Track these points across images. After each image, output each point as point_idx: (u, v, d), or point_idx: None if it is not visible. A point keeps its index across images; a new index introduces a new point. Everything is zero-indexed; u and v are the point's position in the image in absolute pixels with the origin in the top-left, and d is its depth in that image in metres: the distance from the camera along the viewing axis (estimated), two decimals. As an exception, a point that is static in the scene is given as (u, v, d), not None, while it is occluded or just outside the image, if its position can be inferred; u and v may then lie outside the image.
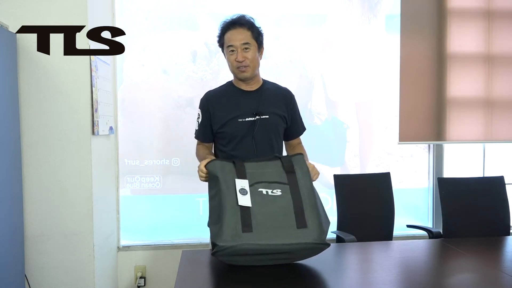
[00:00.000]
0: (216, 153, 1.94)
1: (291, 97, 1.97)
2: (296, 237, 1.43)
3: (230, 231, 1.41)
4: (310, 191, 1.53)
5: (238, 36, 1.78)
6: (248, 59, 1.79)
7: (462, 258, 1.76)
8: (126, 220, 2.83)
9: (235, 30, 1.79)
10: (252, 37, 1.80)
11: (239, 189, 1.47)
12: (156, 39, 2.81)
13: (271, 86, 1.94)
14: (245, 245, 1.40)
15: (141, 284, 2.78)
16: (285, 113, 1.91)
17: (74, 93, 2.23)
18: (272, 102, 1.88)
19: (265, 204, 1.47)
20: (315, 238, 1.44)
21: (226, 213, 1.44)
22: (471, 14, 2.91)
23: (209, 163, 1.58)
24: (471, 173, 3.08)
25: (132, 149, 2.82)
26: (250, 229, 1.42)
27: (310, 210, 1.48)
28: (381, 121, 3.01)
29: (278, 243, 1.42)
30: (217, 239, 1.42)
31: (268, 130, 1.85)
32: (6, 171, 1.98)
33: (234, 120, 1.82)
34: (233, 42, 1.78)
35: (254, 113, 1.82)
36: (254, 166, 1.56)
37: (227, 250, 1.40)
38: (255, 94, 1.87)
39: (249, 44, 1.79)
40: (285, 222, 1.45)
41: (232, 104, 1.86)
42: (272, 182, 1.52)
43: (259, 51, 1.85)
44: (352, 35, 2.95)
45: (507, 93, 2.94)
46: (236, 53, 1.79)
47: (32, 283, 2.20)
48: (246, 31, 1.79)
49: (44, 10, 2.19)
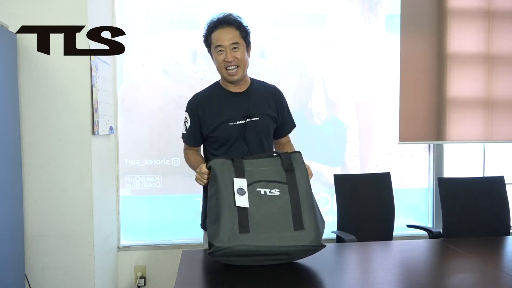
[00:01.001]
0: (207, 156, 1.88)
1: (280, 95, 1.92)
2: (293, 239, 1.43)
3: (227, 232, 1.41)
4: (308, 191, 1.52)
5: (226, 36, 1.74)
6: (237, 58, 1.75)
7: (462, 258, 1.76)
8: (126, 220, 2.83)
9: (223, 30, 1.75)
10: (240, 36, 1.76)
11: (237, 189, 1.47)
12: (156, 39, 2.81)
13: (259, 85, 1.90)
14: (242, 246, 1.40)
15: (141, 284, 2.78)
16: (275, 113, 1.88)
17: (74, 93, 2.23)
18: (261, 103, 1.84)
19: (263, 204, 1.46)
20: (311, 241, 1.44)
21: (223, 213, 1.43)
22: (471, 14, 2.91)
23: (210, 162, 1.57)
24: (471, 173, 3.08)
25: (132, 149, 2.82)
26: (247, 229, 1.41)
27: (308, 211, 1.47)
28: (381, 121, 3.01)
29: (275, 245, 1.42)
30: (213, 239, 1.42)
31: (259, 132, 1.81)
32: (6, 171, 1.98)
33: (225, 124, 1.78)
34: (222, 42, 1.74)
35: (244, 116, 1.78)
36: (253, 163, 1.55)
37: (224, 250, 1.40)
38: (244, 95, 1.83)
39: (238, 43, 1.75)
40: (282, 223, 1.44)
41: (221, 107, 1.81)
42: (271, 181, 1.51)
43: (247, 51, 1.81)
44: (352, 35, 2.95)
45: (507, 93, 2.94)
46: (224, 53, 1.74)
47: (32, 283, 2.20)
48: (234, 31, 1.76)
49: (44, 10, 2.19)
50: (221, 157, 1.60)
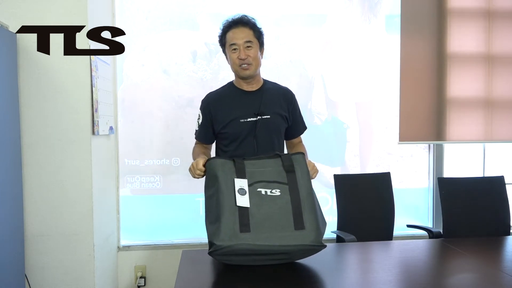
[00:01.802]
0: (218, 153, 1.95)
1: (292, 96, 1.98)
2: (293, 239, 1.43)
3: (227, 231, 1.41)
4: (309, 191, 1.53)
5: (240, 35, 1.81)
6: (250, 56, 1.81)
7: (462, 258, 1.76)
8: (126, 220, 2.83)
9: (237, 29, 1.82)
10: (254, 36, 1.83)
11: (238, 189, 1.47)
12: (156, 39, 2.81)
13: (272, 86, 1.96)
14: (243, 245, 1.40)
15: (141, 284, 2.78)
16: (286, 113, 1.93)
17: (74, 93, 2.23)
18: (273, 102, 1.89)
19: (264, 204, 1.47)
20: (312, 240, 1.44)
21: (224, 212, 1.44)
22: (471, 14, 2.90)
23: (209, 161, 1.58)
24: (471, 173, 3.08)
25: (132, 149, 2.82)
26: (248, 229, 1.42)
27: (309, 211, 1.48)
28: (381, 121, 3.01)
29: (275, 244, 1.42)
30: (214, 238, 1.42)
31: (270, 130, 1.86)
32: (6, 171, 1.98)
33: (236, 120, 1.84)
34: (236, 40, 1.81)
35: (255, 113, 1.84)
36: (254, 164, 1.56)
37: (224, 249, 1.41)
38: (256, 94, 1.89)
39: (252, 42, 1.82)
40: (283, 223, 1.45)
41: (233, 104, 1.87)
42: (271, 182, 1.52)
43: (260, 51, 1.87)
44: (352, 35, 2.95)
45: (507, 93, 2.94)
46: (238, 51, 1.81)
47: (32, 283, 2.20)
48: (248, 30, 1.82)
49: (44, 10, 2.19)
50: (222, 158, 1.61)
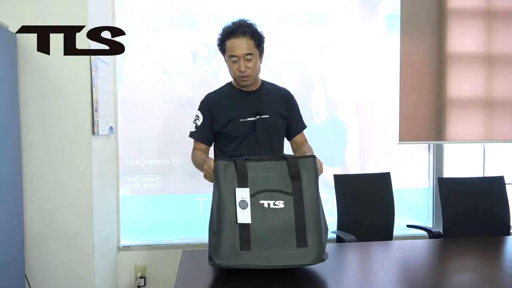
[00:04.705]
0: (216, 153, 1.94)
1: (289, 94, 1.99)
2: (294, 259, 1.42)
3: (227, 247, 1.40)
4: (314, 203, 1.46)
5: (240, 46, 1.76)
6: (249, 68, 1.79)
7: (462, 258, 1.76)
8: (126, 220, 2.83)
9: (237, 40, 1.77)
10: (254, 45, 1.79)
11: (239, 201, 1.42)
12: (156, 39, 2.81)
13: (270, 86, 1.97)
14: (243, 265, 1.41)
15: (141, 284, 2.78)
16: (285, 111, 1.93)
17: (74, 93, 2.23)
18: (272, 101, 1.90)
19: (266, 218, 1.42)
20: (313, 259, 1.43)
21: (224, 228, 1.41)
22: (471, 14, 2.90)
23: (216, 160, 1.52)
24: (471, 173, 3.08)
25: (132, 149, 2.82)
26: (248, 247, 1.40)
27: (312, 226, 1.44)
28: (381, 121, 3.01)
29: (276, 264, 1.42)
30: (214, 255, 1.43)
31: (269, 129, 1.86)
32: (6, 171, 1.98)
33: (235, 120, 1.84)
34: (235, 52, 1.77)
35: (254, 113, 1.84)
36: (257, 167, 1.48)
37: (224, 267, 1.43)
38: (255, 94, 1.89)
39: (252, 54, 1.78)
40: (285, 240, 1.42)
41: (232, 104, 1.87)
42: (275, 191, 1.45)
43: (260, 58, 1.85)
44: (352, 35, 2.95)
45: (507, 93, 2.94)
46: (238, 63, 1.78)
47: (32, 283, 2.20)
48: (248, 40, 1.77)
49: (44, 10, 2.19)
50: (224, 159, 1.52)
